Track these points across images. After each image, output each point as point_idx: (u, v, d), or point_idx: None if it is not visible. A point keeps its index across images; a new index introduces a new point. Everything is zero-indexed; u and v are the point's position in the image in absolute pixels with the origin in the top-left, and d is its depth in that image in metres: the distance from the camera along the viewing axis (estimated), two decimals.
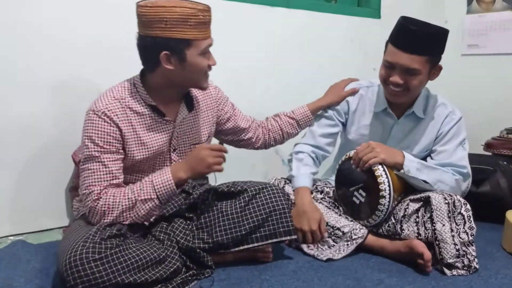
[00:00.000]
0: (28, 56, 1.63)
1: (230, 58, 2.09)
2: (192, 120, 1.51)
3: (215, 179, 1.58)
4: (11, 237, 1.67)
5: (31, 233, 1.71)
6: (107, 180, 1.33)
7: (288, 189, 1.67)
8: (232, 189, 1.48)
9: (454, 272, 1.40)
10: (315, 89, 2.35)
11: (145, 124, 1.39)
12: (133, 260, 1.21)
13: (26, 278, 1.35)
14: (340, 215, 1.62)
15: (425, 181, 1.52)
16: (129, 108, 1.37)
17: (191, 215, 1.44)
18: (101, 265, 1.15)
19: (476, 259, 1.42)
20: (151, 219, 1.39)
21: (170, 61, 1.32)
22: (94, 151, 1.32)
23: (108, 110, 1.33)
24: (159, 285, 1.24)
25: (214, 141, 1.66)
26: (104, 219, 1.32)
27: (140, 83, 1.40)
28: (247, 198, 1.44)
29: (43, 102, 1.68)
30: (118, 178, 1.35)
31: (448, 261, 1.39)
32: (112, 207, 1.31)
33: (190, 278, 1.32)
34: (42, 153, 1.70)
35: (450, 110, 1.65)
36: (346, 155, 1.62)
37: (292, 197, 1.63)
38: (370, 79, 1.74)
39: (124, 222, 1.33)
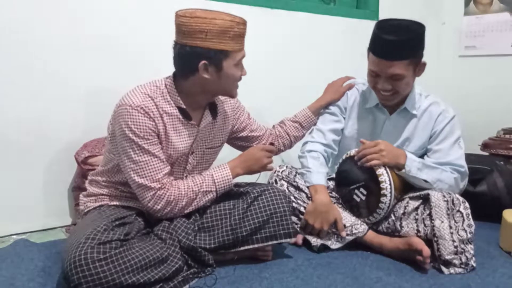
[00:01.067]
0: (28, 56, 1.64)
1: None
2: (212, 126, 1.53)
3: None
4: (14, 236, 1.68)
5: (34, 232, 1.72)
6: (164, 169, 1.38)
7: (300, 180, 1.67)
8: (234, 190, 1.50)
9: (452, 270, 1.41)
10: (313, 90, 2.37)
11: (174, 125, 1.42)
12: (136, 260, 1.22)
13: (29, 276, 1.36)
14: (343, 209, 1.63)
15: (425, 180, 1.54)
16: (161, 107, 1.39)
17: (193, 213, 1.45)
18: (106, 265, 1.16)
19: (473, 258, 1.43)
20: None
21: (207, 70, 1.36)
22: (144, 143, 1.34)
23: (145, 106, 1.36)
24: (161, 284, 1.26)
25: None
26: (169, 209, 1.38)
27: (173, 85, 1.42)
28: (249, 200, 1.46)
29: (46, 102, 1.69)
30: (168, 167, 1.40)
31: (446, 257, 1.40)
32: (178, 198, 1.38)
33: (191, 276, 1.34)
34: (45, 153, 1.71)
35: (442, 108, 1.66)
36: (347, 154, 1.64)
37: (302, 187, 1.64)
38: (365, 77, 1.76)
39: (184, 212, 1.41)
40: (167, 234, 1.38)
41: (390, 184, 1.50)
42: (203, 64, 1.34)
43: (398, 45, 1.49)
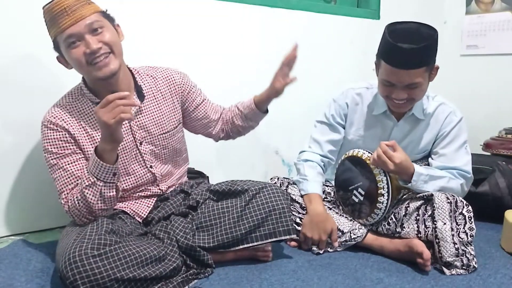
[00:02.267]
0: (28, 56, 1.64)
1: (230, 58, 2.10)
2: (152, 109, 1.47)
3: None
4: (12, 237, 1.68)
5: (32, 232, 1.72)
6: (71, 183, 1.34)
7: (292, 190, 1.67)
8: (232, 188, 1.48)
9: (453, 272, 1.40)
10: (314, 89, 2.37)
11: (96, 122, 1.38)
12: (132, 256, 1.21)
13: (27, 277, 1.35)
14: (340, 215, 1.63)
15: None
16: (78, 111, 1.39)
17: (191, 213, 1.45)
18: (100, 261, 1.15)
19: (475, 259, 1.42)
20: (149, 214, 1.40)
21: (63, 62, 1.37)
22: (52, 159, 1.35)
23: (54, 117, 1.36)
24: (159, 284, 1.25)
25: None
26: (82, 219, 1.32)
27: (84, 85, 1.41)
28: (247, 198, 1.44)
29: (43, 102, 1.68)
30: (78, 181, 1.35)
31: (447, 259, 1.39)
32: (76, 204, 1.30)
33: (190, 277, 1.33)
34: (42, 153, 1.70)
35: (451, 110, 1.64)
36: (345, 154, 1.63)
37: (295, 197, 1.63)
38: (369, 81, 1.74)
39: (96, 215, 1.32)
40: (165, 234, 1.37)
41: (387, 183, 1.48)
42: (57, 59, 1.36)
43: (416, 53, 1.43)
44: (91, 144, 1.38)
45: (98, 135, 1.37)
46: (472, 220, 1.44)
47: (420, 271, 1.42)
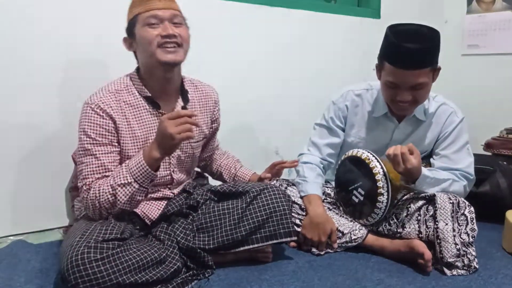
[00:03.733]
0: (28, 55, 1.63)
1: (230, 57, 2.10)
2: None
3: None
4: (11, 237, 1.67)
5: (31, 233, 1.71)
6: (99, 173, 1.33)
7: (291, 191, 1.66)
8: (233, 190, 1.48)
9: (454, 272, 1.40)
10: (314, 89, 2.36)
11: (140, 116, 1.39)
12: (134, 260, 1.21)
13: (26, 278, 1.34)
14: (340, 215, 1.62)
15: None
16: (124, 101, 1.38)
17: (192, 214, 1.44)
18: (103, 265, 1.15)
19: (476, 259, 1.42)
20: (155, 215, 1.39)
21: (128, 44, 1.40)
22: (87, 143, 1.33)
23: (102, 103, 1.35)
24: (159, 285, 1.24)
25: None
26: (97, 211, 1.32)
27: (136, 75, 1.41)
28: (248, 199, 1.44)
29: (43, 102, 1.68)
30: (111, 171, 1.35)
31: (448, 260, 1.39)
32: (100, 196, 1.30)
33: (190, 278, 1.32)
34: (42, 153, 1.70)
35: (452, 110, 1.63)
36: (345, 155, 1.63)
37: (294, 199, 1.62)
38: (369, 82, 1.72)
39: (112, 212, 1.33)
40: (165, 235, 1.36)
41: (386, 183, 1.48)
42: (123, 39, 1.40)
43: (421, 53, 1.42)
44: (130, 138, 1.38)
45: (139, 130, 1.39)
46: (474, 221, 1.43)
47: (420, 271, 1.42)
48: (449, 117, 1.63)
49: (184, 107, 1.46)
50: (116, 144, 1.37)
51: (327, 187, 1.74)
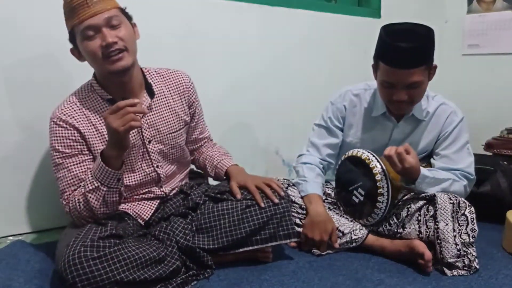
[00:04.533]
0: (27, 55, 1.63)
1: (230, 57, 2.09)
2: (162, 107, 1.46)
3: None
4: (11, 237, 1.67)
5: (31, 233, 1.71)
6: (74, 185, 1.33)
7: (292, 191, 1.66)
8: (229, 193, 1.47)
9: (455, 272, 1.40)
10: (315, 88, 2.36)
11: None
12: (132, 258, 1.20)
13: (26, 278, 1.34)
14: (341, 215, 1.62)
15: None
16: (88, 108, 1.37)
17: (191, 214, 1.44)
18: (100, 263, 1.14)
19: (476, 259, 1.41)
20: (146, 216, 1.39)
21: (76, 54, 1.35)
22: (57, 158, 1.34)
23: (64, 115, 1.34)
24: (159, 285, 1.24)
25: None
26: (82, 220, 1.32)
27: (95, 81, 1.39)
28: (248, 200, 1.43)
29: (42, 102, 1.67)
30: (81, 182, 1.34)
31: (449, 260, 1.39)
32: (77, 206, 1.30)
33: (190, 278, 1.32)
34: (41, 154, 1.69)
35: (451, 110, 1.63)
36: (345, 155, 1.62)
37: (294, 198, 1.62)
38: (367, 82, 1.72)
39: (96, 217, 1.32)
40: (164, 235, 1.36)
41: (387, 183, 1.48)
42: (71, 51, 1.35)
43: (415, 51, 1.42)
44: (100, 142, 1.37)
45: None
46: (475, 221, 1.43)
47: (421, 272, 1.42)
48: (449, 116, 1.62)
49: (150, 101, 1.43)
50: (87, 152, 1.36)
51: (327, 187, 1.74)
